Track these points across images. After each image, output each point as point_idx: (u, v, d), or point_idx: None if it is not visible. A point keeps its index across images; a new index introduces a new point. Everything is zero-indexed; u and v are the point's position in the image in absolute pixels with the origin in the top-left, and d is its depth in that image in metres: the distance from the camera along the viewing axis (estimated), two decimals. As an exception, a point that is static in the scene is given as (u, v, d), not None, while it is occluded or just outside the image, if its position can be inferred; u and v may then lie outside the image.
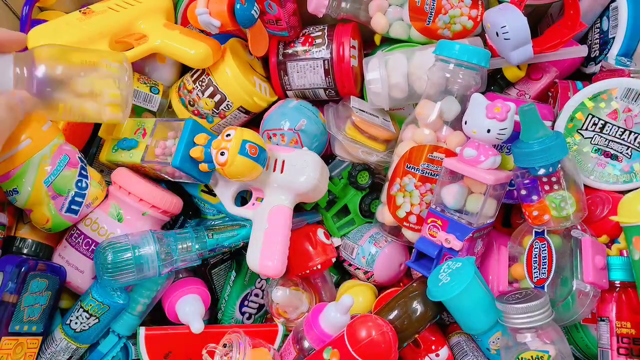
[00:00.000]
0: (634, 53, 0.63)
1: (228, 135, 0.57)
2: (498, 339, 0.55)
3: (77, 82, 0.54)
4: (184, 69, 0.73)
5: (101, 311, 0.57)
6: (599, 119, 0.59)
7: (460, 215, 0.56)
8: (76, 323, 0.58)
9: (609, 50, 0.64)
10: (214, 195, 0.66)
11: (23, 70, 0.51)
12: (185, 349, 0.41)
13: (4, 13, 0.66)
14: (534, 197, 0.55)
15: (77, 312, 0.58)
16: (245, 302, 0.67)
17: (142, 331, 0.44)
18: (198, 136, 0.59)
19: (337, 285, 0.71)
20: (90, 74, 0.54)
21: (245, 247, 0.61)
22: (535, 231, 0.58)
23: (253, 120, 0.72)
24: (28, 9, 0.64)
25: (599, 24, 0.68)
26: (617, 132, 0.59)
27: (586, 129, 0.59)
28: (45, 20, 0.65)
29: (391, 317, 0.55)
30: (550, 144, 0.52)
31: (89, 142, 0.69)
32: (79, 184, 0.59)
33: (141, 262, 0.56)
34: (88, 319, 0.57)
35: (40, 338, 0.58)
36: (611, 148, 0.59)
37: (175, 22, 0.71)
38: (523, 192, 0.56)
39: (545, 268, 0.56)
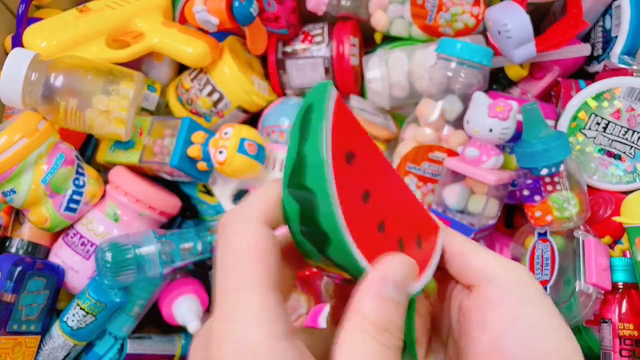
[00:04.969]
0: (637, 52, 0.63)
1: (226, 133, 0.56)
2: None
3: (93, 97, 0.55)
4: (181, 68, 0.72)
5: (97, 309, 0.57)
6: (602, 119, 0.58)
7: (462, 216, 0.56)
8: (73, 320, 0.57)
9: (611, 48, 0.64)
10: (212, 195, 0.66)
11: (34, 75, 0.54)
12: (373, 154, 0.23)
13: (0, 11, 0.65)
14: (537, 198, 0.54)
15: (74, 309, 0.57)
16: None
17: (332, 92, 0.21)
18: (195, 134, 0.58)
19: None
20: (106, 90, 0.56)
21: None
22: (537, 232, 0.58)
23: (252, 119, 0.71)
24: (24, 7, 0.64)
25: (601, 23, 0.67)
26: (620, 131, 0.58)
27: (589, 129, 0.59)
28: (41, 19, 0.65)
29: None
30: (553, 143, 0.52)
31: (85, 142, 0.68)
32: (77, 182, 0.59)
33: (142, 262, 0.55)
34: (84, 316, 0.57)
35: (39, 337, 0.58)
36: (614, 148, 0.59)
37: (173, 20, 0.70)
38: (525, 192, 0.55)
39: (548, 269, 0.55)
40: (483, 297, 0.26)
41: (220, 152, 0.55)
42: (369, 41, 0.71)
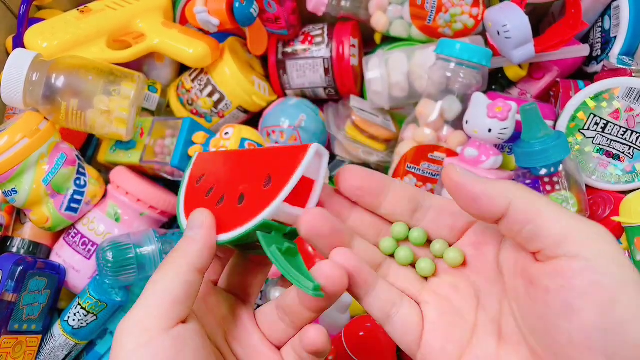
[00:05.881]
0: (635, 52, 0.63)
1: (226, 133, 0.57)
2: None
3: (94, 97, 0.55)
4: (182, 68, 0.72)
5: (98, 309, 0.57)
6: (601, 119, 0.58)
7: (461, 216, 0.56)
8: (74, 320, 0.57)
9: (610, 49, 0.64)
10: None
11: (36, 75, 0.54)
12: (220, 173, 0.32)
13: (1, 11, 0.66)
14: (536, 198, 0.54)
15: (75, 308, 0.58)
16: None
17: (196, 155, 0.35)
18: (196, 135, 0.58)
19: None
20: (107, 91, 0.56)
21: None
22: (536, 232, 0.58)
23: (252, 120, 0.72)
24: (25, 8, 0.64)
25: (600, 23, 0.67)
26: (619, 131, 0.58)
27: (588, 129, 0.59)
28: (42, 19, 0.65)
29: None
30: (551, 143, 0.52)
31: (86, 142, 0.68)
32: (78, 182, 0.59)
33: (143, 261, 0.55)
34: (85, 316, 0.57)
35: (40, 337, 0.58)
36: (613, 148, 0.59)
37: (174, 21, 0.71)
38: (524, 192, 0.55)
39: (546, 269, 0.55)
40: (567, 276, 0.22)
41: (221, 152, 0.56)
42: (368, 42, 0.72)
